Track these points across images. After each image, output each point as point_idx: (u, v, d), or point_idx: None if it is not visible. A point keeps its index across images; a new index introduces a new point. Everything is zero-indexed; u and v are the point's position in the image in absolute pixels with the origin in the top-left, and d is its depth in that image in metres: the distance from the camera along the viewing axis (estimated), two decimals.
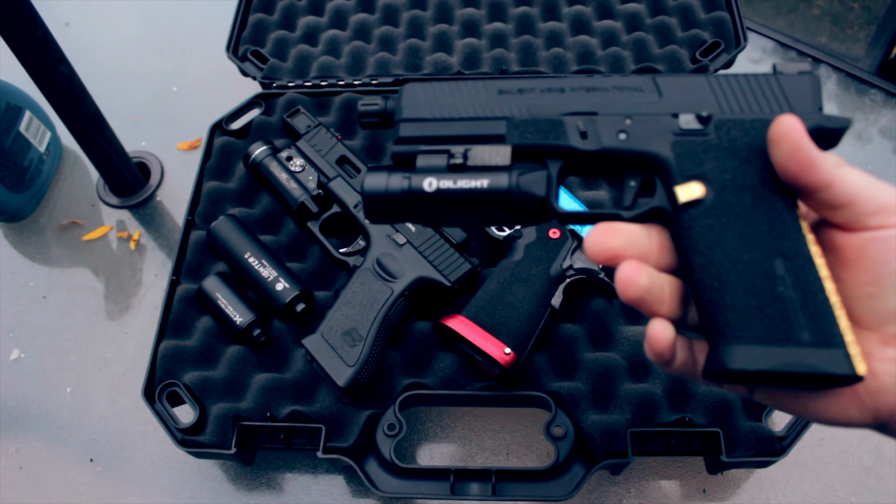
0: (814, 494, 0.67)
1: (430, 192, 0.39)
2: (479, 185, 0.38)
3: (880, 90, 0.95)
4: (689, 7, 0.92)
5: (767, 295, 0.34)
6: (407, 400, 0.65)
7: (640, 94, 0.39)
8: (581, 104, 0.40)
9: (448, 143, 0.40)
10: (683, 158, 0.37)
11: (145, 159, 0.94)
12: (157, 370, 0.69)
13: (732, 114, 0.38)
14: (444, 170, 0.39)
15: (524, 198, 0.38)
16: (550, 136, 0.39)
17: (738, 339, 0.34)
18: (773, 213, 0.35)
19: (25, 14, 0.69)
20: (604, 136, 0.39)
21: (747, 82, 0.38)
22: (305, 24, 0.95)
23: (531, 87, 0.40)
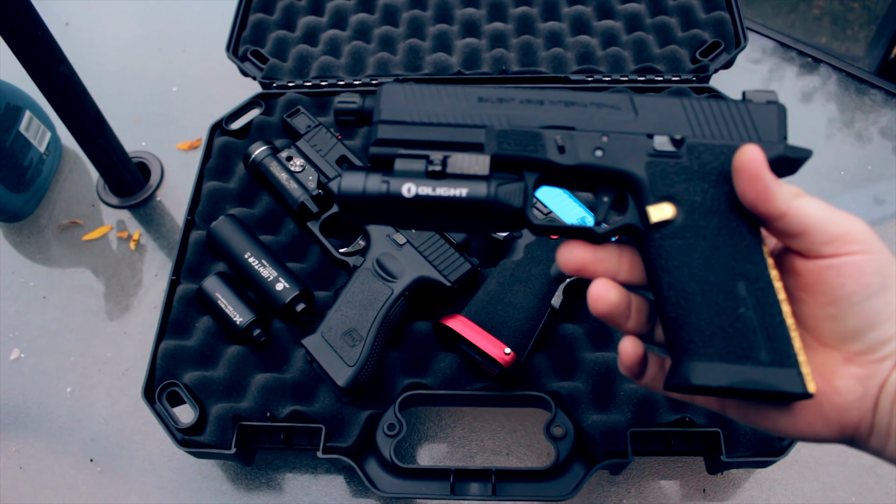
0: (814, 494, 0.67)
1: (409, 197, 0.38)
2: (457, 193, 0.38)
3: (880, 90, 0.95)
4: (689, 7, 0.92)
5: (729, 315, 0.36)
6: (407, 400, 0.65)
7: (618, 112, 0.40)
8: (560, 118, 0.40)
9: (427, 147, 0.40)
10: (656, 179, 0.38)
11: (145, 159, 0.94)
12: (157, 370, 0.69)
13: (704, 138, 0.39)
14: (422, 175, 0.39)
15: (501, 208, 0.39)
16: (529, 148, 0.40)
17: (701, 356, 0.36)
18: (737, 237, 0.37)
19: (25, 14, 0.69)
20: (581, 152, 0.39)
21: (719, 108, 0.39)
22: (305, 24, 0.95)
23: (511, 98, 0.41)
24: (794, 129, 0.98)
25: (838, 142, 0.92)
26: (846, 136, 0.92)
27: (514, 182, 0.39)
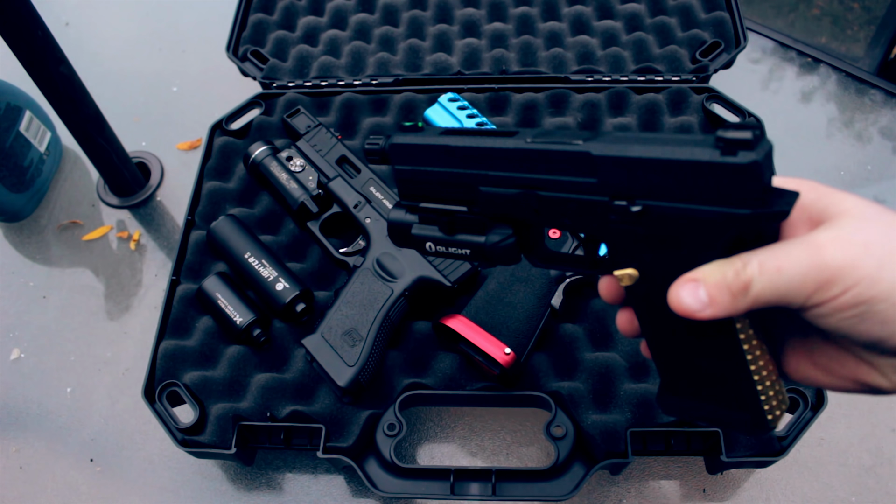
0: (814, 494, 0.67)
1: (430, 251, 0.48)
2: (463, 252, 0.46)
3: (880, 90, 0.95)
4: (689, 7, 0.92)
5: (693, 364, 0.39)
6: (407, 400, 0.65)
7: (579, 173, 0.39)
8: (529, 179, 0.42)
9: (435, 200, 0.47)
10: (618, 246, 0.39)
11: (145, 159, 0.94)
12: (157, 370, 0.69)
13: (669, 201, 0.36)
14: (438, 229, 0.47)
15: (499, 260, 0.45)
16: (513, 210, 0.43)
17: (669, 389, 0.42)
18: None
19: (25, 14, 0.69)
20: (552, 217, 0.42)
21: (686, 167, 0.34)
22: (305, 24, 0.95)
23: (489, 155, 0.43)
24: (794, 129, 0.98)
25: (838, 142, 0.92)
26: (846, 136, 0.92)
27: (508, 239, 0.44)
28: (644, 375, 0.67)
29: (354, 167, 0.77)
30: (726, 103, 0.83)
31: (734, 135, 0.33)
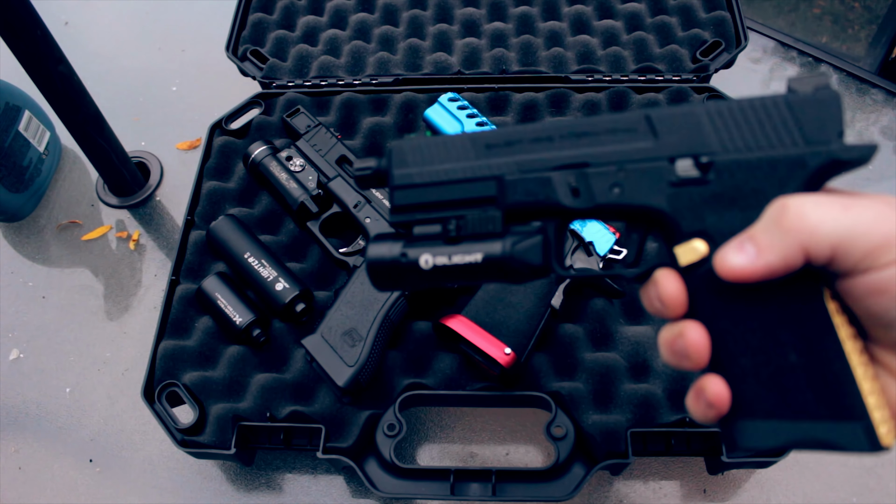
0: (814, 494, 0.67)
1: (428, 269, 0.38)
2: (473, 259, 0.37)
3: (881, 90, 0.95)
4: (690, 7, 0.92)
5: (777, 364, 0.31)
6: (407, 400, 0.65)
7: (634, 137, 0.35)
8: (571, 154, 0.37)
9: (441, 208, 0.39)
10: (683, 212, 0.34)
11: (145, 159, 0.94)
12: (156, 370, 0.68)
13: (737, 152, 0.33)
14: (440, 242, 0.38)
15: (519, 267, 0.37)
16: (540, 195, 0.37)
17: (747, 414, 0.32)
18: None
19: (25, 14, 0.68)
20: (597, 193, 0.36)
21: (753, 111, 0.33)
22: (305, 23, 0.95)
23: (519, 139, 0.38)
24: None
25: None
26: (847, 135, 0.92)
27: (532, 237, 0.37)
28: (644, 375, 0.67)
29: None
30: None
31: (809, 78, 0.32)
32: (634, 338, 0.68)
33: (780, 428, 0.31)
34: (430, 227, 0.39)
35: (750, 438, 0.31)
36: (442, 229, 0.39)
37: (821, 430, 0.30)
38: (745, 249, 0.31)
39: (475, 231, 0.38)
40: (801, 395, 0.31)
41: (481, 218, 0.38)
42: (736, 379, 0.32)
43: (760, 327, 0.32)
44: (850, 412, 0.30)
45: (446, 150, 0.39)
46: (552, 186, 0.37)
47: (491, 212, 0.38)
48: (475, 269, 0.38)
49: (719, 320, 0.32)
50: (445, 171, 0.39)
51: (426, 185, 0.39)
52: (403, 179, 0.40)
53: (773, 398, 0.31)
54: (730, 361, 0.32)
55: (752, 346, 0.32)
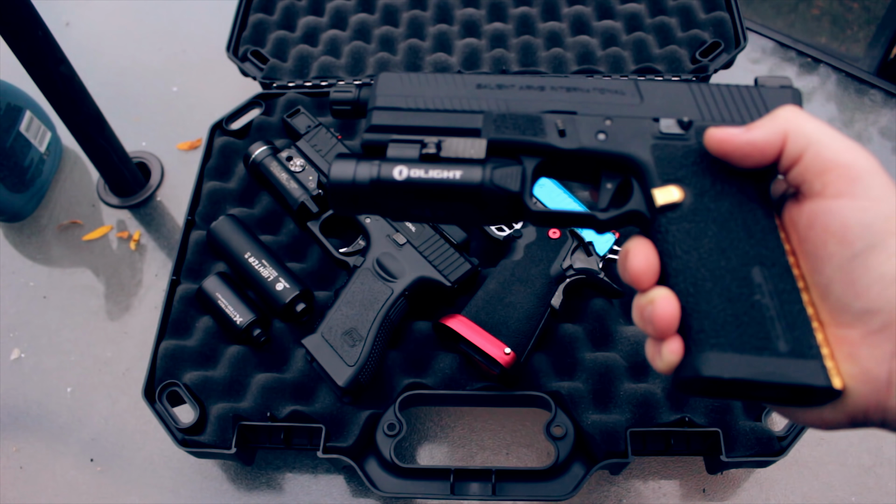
0: (813, 494, 0.67)
1: (400, 180, 0.37)
2: (451, 176, 0.37)
3: (880, 90, 0.95)
4: (689, 7, 0.92)
5: (744, 302, 0.33)
6: (407, 400, 0.65)
7: (622, 97, 0.39)
8: (561, 102, 0.39)
9: (422, 133, 0.39)
10: (663, 162, 0.37)
11: (145, 159, 0.94)
12: (157, 370, 0.69)
13: (714, 121, 0.37)
14: (416, 160, 0.38)
15: (497, 192, 0.37)
16: (528, 132, 0.38)
17: (713, 346, 0.33)
18: (751, 221, 0.35)
19: (26, 14, 0.69)
20: (582, 136, 0.38)
21: (729, 92, 0.38)
22: (305, 24, 0.95)
23: (510, 84, 0.40)
24: None
25: None
26: (846, 136, 0.92)
27: (512, 165, 0.38)
28: (644, 375, 0.67)
29: None
30: None
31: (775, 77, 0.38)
32: (634, 338, 0.68)
33: (742, 361, 0.32)
34: (405, 149, 0.38)
35: (714, 368, 0.32)
36: (419, 150, 0.38)
37: (782, 366, 0.32)
38: (739, 127, 0.34)
39: (457, 154, 0.37)
40: (766, 331, 0.32)
41: (464, 142, 0.38)
42: (703, 314, 0.33)
43: (730, 267, 0.34)
44: (810, 351, 0.32)
45: (436, 84, 0.40)
46: (541, 124, 0.38)
47: (475, 139, 0.38)
48: (449, 191, 0.37)
49: (690, 258, 0.35)
50: (433, 99, 0.39)
51: (410, 110, 0.39)
52: (386, 102, 0.40)
53: (739, 333, 0.33)
54: (698, 297, 0.34)
55: (721, 284, 0.34)
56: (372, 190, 0.38)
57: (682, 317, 0.34)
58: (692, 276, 0.34)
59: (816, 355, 0.32)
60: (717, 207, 0.35)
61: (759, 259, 0.34)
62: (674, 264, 0.35)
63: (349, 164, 0.38)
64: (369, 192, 0.38)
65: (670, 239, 0.35)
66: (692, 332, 0.34)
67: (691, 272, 0.34)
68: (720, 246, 0.34)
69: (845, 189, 0.31)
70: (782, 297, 0.33)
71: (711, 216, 0.35)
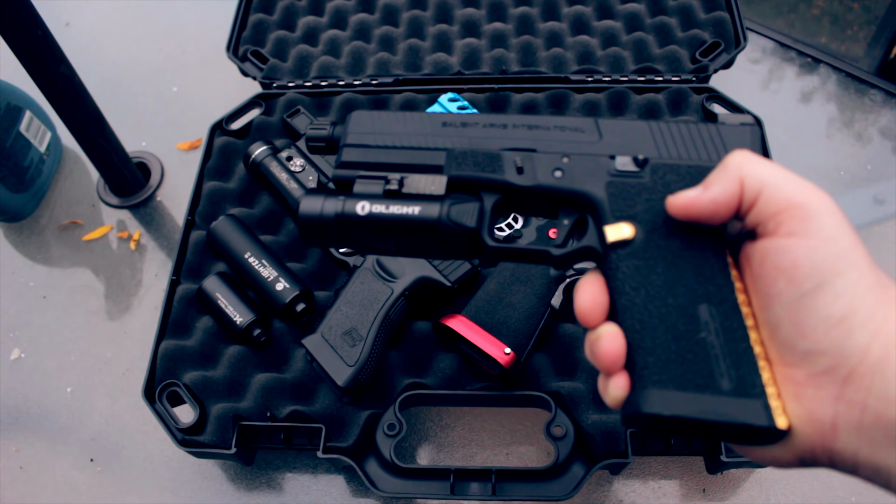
0: (813, 494, 0.67)
1: (363, 215, 0.39)
2: (410, 211, 0.38)
3: (880, 90, 0.95)
4: (689, 7, 0.92)
5: (689, 339, 0.33)
6: (407, 400, 0.65)
7: (581, 135, 0.40)
8: (521, 140, 0.40)
9: (387, 170, 0.40)
10: (616, 199, 0.37)
11: (145, 159, 0.94)
12: (157, 370, 0.69)
13: (670, 159, 0.38)
14: (379, 196, 0.39)
15: (454, 228, 0.38)
16: (487, 169, 0.39)
17: (655, 383, 0.33)
18: (701, 259, 0.35)
19: (26, 14, 0.69)
20: (539, 173, 0.39)
21: (688, 130, 0.38)
22: (305, 24, 0.95)
23: (475, 122, 0.41)
24: (793, 129, 0.98)
25: (838, 142, 0.92)
26: (846, 135, 0.92)
27: (470, 202, 0.39)
28: None
29: None
30: (726, 103, 0.83)
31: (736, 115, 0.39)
32: None
33: (684, 399, 0.32)
34: (371, 185, 0.40)
35: (655, 405, 0.32)
36: (384, 189, 0.40)
37: (724, 405, 0.32)
38: (696, 188, 0.34)
39: (417, 189, 0.39)
40: (709, 369, 0.33)
41: (425, 179, 0.39)
42: (647, 350, 0.34)
43: (677, 304, 0.34)
44: (754, 390, 0.32)
45: (404, 122, 0.42)
46: (500, 162, 0.39)
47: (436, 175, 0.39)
48: (409, 226, 0.38)
49: (638, 294, 0.35)
50: (399, 137, 0.41)
51: (377, 147, 0.41)
52: (356, 139, 0.42)
53: (682, 370, 0.33)
54: (643, 333, 0.34)
55: (667, 321, 0.34)
56: (337, 224, 0.39)
57: (628, 353, 0.34)
58: (639, 312, 0.35)
59: (760, 394, 0.32)
60: (667, 245, 0.36)
61: (706, 297, 0.34)
62: (622, 301, 0.35)
63: (317, 200, 0.40)
64: (334, 226, 0.39)
65: (619, 276, 0.36)
66: (637, 368, 0.34)
67: (638, 309, 0.35)
68: (668, 283, 0.35)
69: (797, 228, 0.31)
70: (728, 336, 0.33)
71: (661, 253, 0.36)
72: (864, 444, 0.29)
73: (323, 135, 0.43)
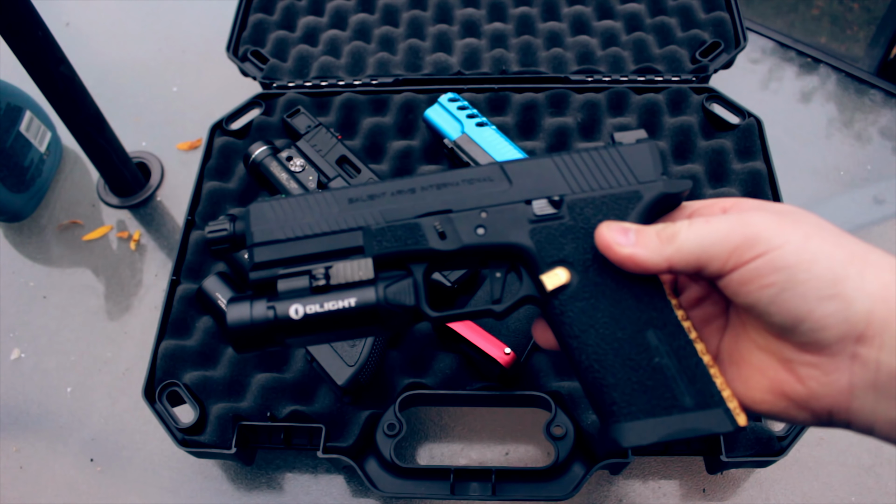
0: (813, 494, 0.67)
1: (298, 319, 0.37)
2: (346, 304, 0.37)
3: (880, 90, 0.95)
4: (689, 7, 0.92)
5: (646, 367, 0.35)
6: (407, 400, 0.65)
7: (491, 185, 0.39)
8: (434, 203, 0.39)
9: (306, 261, 0.39)
10: (544, 245, 0.38)
11: (145, 159, 0.94)
12: (157, 370, 0.69)
13: (583, 192, 0.38)
14: (307, 292, 0.38)
15: (394, 309, 0.38)
16: (409, 241, 0.39)
17: (627, 416, 0.35)
18: (637, 286, 0.36)
19: (26, 14, 0.69)
20: (462, 234, 0.39)
21: (592, 159, 0.39)
22: (305, 24, 0.95)
23: (381, 192, 0.40)
24: (793, 129, 0.98)
25: (838, 142, 0.92)
26: (846, 136, 0.92)
27: (403, 279, 0.38)
28: None
29: (354, 167, 0.77)
30: (726, 103, 0.83)
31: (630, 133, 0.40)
32: None
33: (655, 425, 0.34)
34: (295, 281, 0.38)
35: (632, 438, 0.35)
36: (309, 282, 0.38)
37: (691, 420, 0.34)
38: (628, 235, 0.35)
39: (346, 279, 0.38)
40: (671, 391, 0.35)
41: (351, 266, 0.38)
42: (611, 387, 0.35)
43: (626, 336, 0.36)
44: (713, 400, 0.34)
45: (308, 207, 0.40)
46: (420, 231, 0.39)
47: (361, 259, 0.38)
48: (348, 317, 0.37)
49: (588, 337, 0.36)
50: (309, 225, 0.39)
51: (289, 240, 0.39)
52: (264, 236, 0.39)
53: (647, 398, 0.35)
54: (604, 371, 0.35)
55: (621, 354, 0.35)
56: (271, 330, 0.38)
57: (593, 391, 0.36)
58: (594, 353, 0.36)
59: (719, 402, 0.34)
60: (603, 281, 0.36)
61: (651, 322, 0.35)
62: (575, 344, 0.36)
63: (244, 307, 0.38)
64: (269, 332, 0.38)
65: (567, 321, 0.37)
66: (605, 405, 0.35)
67: (593, 349, 0.36)
68: (614, 318, 0.36)
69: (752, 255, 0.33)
70: (679, 354, 0.35)
71: (600, 290, 0.36)
72: (881, 401, 0.32)
73: (224, 235, 0.41)
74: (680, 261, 0.34)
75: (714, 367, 0.35)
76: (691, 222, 0.35)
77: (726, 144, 0.80)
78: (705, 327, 0.39)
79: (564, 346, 0.37)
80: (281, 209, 0.40)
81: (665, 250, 0.34)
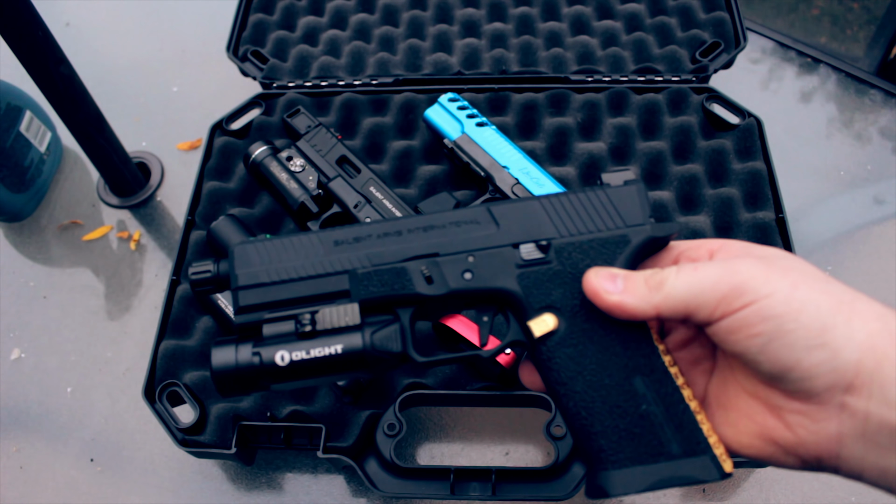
0: (813, 494, 0.67)
1: (284, 365, 0.37)
2: (333, 351, 0.37)
3: (879, 90, 0.95)
4: (689, 7, 0.92)
5: (633, 415, 0.35)
6: (407, 400, 0.65)
7: (478, 227, 0.39)
8: (421, 246, 0.39)
9: (292, 305, 0.38)
10: (531, 290, 0.37)
11: (145, 159, 0.94)
12: (157, 370, 0.69)
13: (570, 236, 0.38)
14: (293, 338, 0.37)
15: (381, 355, 0.38)
16: (396, 285, 0.38)
17: (614, 464, 0.35)
18: (625, 332, 0.36)
19: (26, 14, 0.69)
20: (449, 279, 0.38)
21: (579, 201, 0.39)
22: (305, 24, 0.95)
23: (367, 234, 0.39)
24: (794, 129, 0.98)
25: (838, 142, 0.92)
26: (846, 136, 0.92)
27: (390, 325, 0.38)
28: None
29: (354, 167, 0.77)
30: (726, 103, 0.83)
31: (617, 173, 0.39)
32: None
33: (644, 472, 0.35)
34: (281, 326, 0.38)
35: (619, 486, 0.35)
36: (295, 326, 0.38)
37: (678, 468, 0.34)
38: (616, 282, 0.35)
39: (332, 325, 0.37)
40: (658, 439, 0.35)
41: (338, 311, 0.37)
42: (598, 435, 0.35)
43: (614, 383, 0.35)
44: (699, 447, 0.34)
45: (293, 249, 0.39)
46: (407, 275, 0.38)
47: (347, 304, 0.38)
48: (335, 363, 0.37)
49: (576, 384, 0.36)
50: (294, 268, 0.39)
51: (274, 283, 0.39)
52: (249, 279, 0.39)
53: (634, 446, 0.35)
54: (591, 419, 0.35)
55: (609, 402, 0.35)
56: (257, 376, 0.38)
57: (581, 438, 0.36)
58: (582, 399, 0.36)
59: (706, 450, 0.34)
60: (591, 326, 0.36)
61: (638, 369, 0.35)
62: (563, 391, 0.36)
63: (229, 351, 0.38)
64: (255, 377, 0.38)
65: (554, 367, 0.36)
66: (592, 452, 0.35)
67: (581, 396, 0.36)
68: (601, 364, 0.36)
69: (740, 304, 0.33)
70: (666, 401, 0.35)
71: (588, 336, 0.36)
72: (871, 450, 0.31)
73: (208, 277, 0.40)
74: (668, 308, 0.34)
75: (701, 412, 0.35)
76: (679, 269, 0.35)
77: (726, 144, 0.80)
78: (693, 369, 0.39)
79: (552, 391, 0.37)
80: (266, 251, 0.39)
81: (653, 298, 0.34)
